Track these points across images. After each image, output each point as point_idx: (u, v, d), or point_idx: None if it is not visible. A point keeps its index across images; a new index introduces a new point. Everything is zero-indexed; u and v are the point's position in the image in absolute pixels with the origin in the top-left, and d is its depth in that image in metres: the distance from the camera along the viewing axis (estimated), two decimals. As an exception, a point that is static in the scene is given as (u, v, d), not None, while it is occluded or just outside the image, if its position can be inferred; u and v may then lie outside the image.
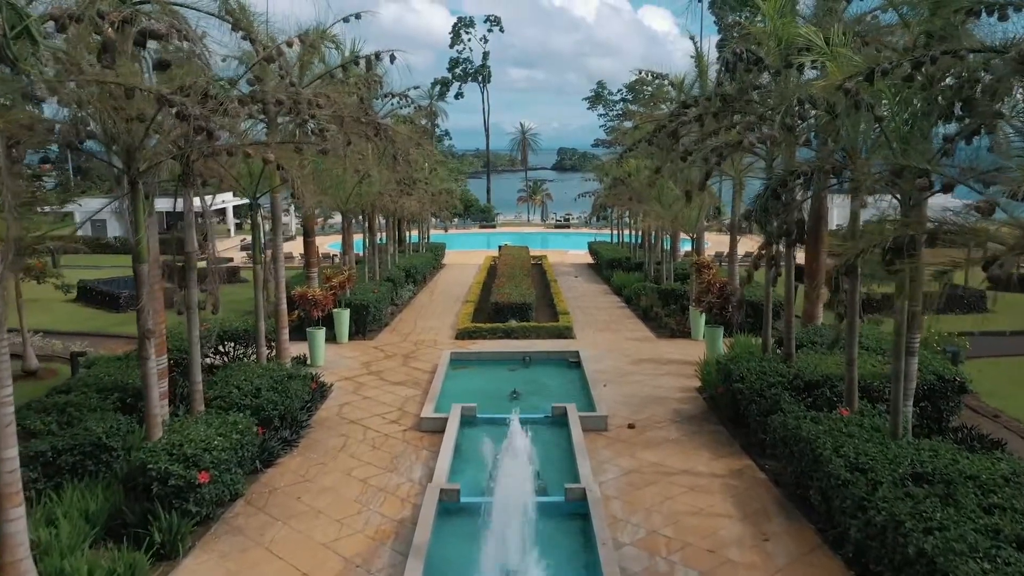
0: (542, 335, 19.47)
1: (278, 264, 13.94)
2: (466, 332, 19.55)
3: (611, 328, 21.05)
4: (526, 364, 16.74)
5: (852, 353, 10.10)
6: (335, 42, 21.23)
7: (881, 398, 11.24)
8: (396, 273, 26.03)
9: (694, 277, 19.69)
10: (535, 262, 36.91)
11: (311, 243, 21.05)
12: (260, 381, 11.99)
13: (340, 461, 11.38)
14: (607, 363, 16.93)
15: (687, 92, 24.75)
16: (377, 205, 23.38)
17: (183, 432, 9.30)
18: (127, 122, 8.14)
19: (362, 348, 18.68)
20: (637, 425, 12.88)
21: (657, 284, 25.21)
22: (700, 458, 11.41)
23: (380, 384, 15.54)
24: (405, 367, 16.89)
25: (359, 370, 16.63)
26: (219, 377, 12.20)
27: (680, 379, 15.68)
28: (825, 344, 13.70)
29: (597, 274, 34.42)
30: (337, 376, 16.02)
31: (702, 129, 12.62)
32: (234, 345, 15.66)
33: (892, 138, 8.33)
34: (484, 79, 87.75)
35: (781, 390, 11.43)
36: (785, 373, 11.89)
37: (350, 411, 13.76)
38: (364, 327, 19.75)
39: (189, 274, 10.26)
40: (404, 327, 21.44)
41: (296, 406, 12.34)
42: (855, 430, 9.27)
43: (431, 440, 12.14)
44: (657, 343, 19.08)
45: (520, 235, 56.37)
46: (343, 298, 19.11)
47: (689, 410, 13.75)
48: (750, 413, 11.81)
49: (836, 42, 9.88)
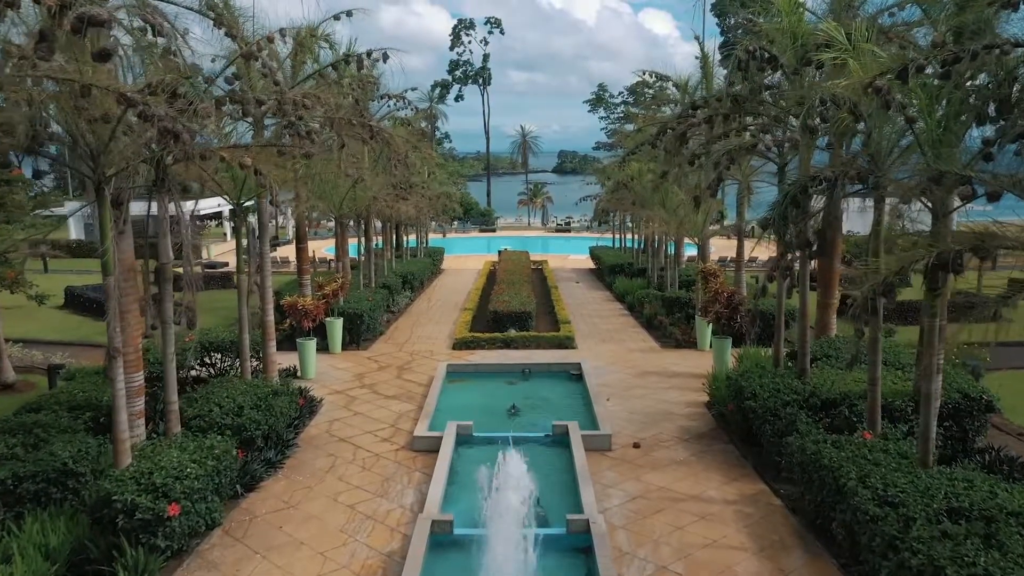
0: (543, 345, 18.76)
1: (265, 273, 13.25)
2: (464, 342, 18.85)
3: (614, 338, 20.34)
4: (526, 377, 16.04)
5: (875, 372, 9.40)
6: (329, 42, 20.59)
7: (903, 417, 10.56)
8: (392, 279, 25.34)
9: (700, 285, 18.99)
10: (535, 267, 36.22)
11: (303, 249, 20.35)
12: (243, 398, 11.30)
13: (327, 484, 10.68)
14: (610, 376, 16.23)
15: (691, 94, 24.12)
16: (372, 210, 22.69)
17: (154, 458, 8.60)
18: (90, 123, 7.46)
19: (355, 359, 17.98)
20: (643, 444, 12.19)
21: (661, 291, 24.49)
22: (710, 482, 10.71)
23: (373, 398, 14.84)
24: (399, 380, 16.19)
25: (351, 383, 15.93)
26: (200, 394, 11.51)
27: (687, 393, 14.97)
28: (843, 361, 13.01)
29: (599, 280, 33.71)
30: (328, 389, 15.32)
31: (711, 132, 11.96)
32: (220, 357, 14.98)
33: (923, 141, 7.63)
34: (484, 81, 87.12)
35: (796, 409, 10.73)
36: (800, 391, 11.19)
37: (340, 428, 13.06)
38: (358, 336, 19.05)
39: (163, 286, 9.57)
40: (400, 336, 20.75)
41: (282, 425, 11.66)
42: (881, 457, 8.56)
43: (424, 460, 11.45)
44: (662, 354, 18.38)
45: (520, 239, 55.67)
46: (336, 306, 18.42)
47: (697, 427, 13.05)
48: (763, 433, 11.11)
49: (858, 37, 9.21)
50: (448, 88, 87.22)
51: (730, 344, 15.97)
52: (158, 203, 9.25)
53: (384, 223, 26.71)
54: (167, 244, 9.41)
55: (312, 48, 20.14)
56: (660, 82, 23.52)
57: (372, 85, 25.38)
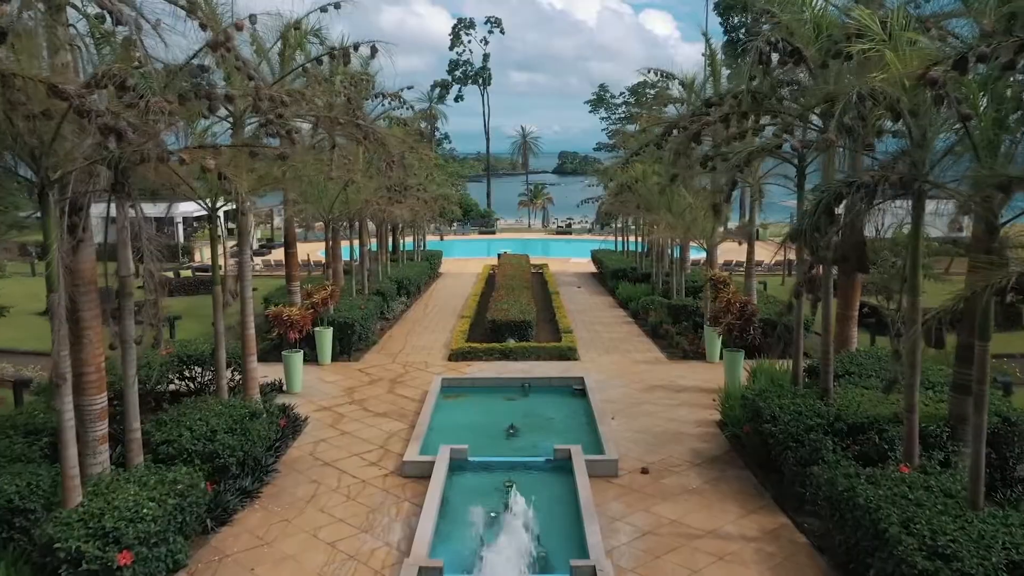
0: (543, 356, 17.82)
1: (245, 282, 12.31)
2: (460, 353, 17.90)
3: (618, 348, 19.40)
4: (525, 392, 15.10)
5: (913, 398, 8.47)
6: (319, 37, 19.69)
7: (938, 444, 9.63)
8: (387, 285, 24.39)
9: (708, 293, 18.05)
10: (536, 270, 35.29)
11: (292, 254, 19.46)
12: (217, 421, 10.36)
13: (307, 516, 9.75)
14: (615, 391, 15.29)
15: (698, 92, 23.24)
16: (365, 213, 21.76)
17: (107, 496, 7.67)
18: (28, 119, 6.53)
19: (346, 371, 17.05)
20: (652, 469, 11.25)
21: (666, 298, 23.54)
22: (727, 514, 9.77)
23: (362, 416, 13.90)
24: (391, 395, 15.24)
25: (340, 398, 14.99)
26: (170, 416, 10.57)
27: (697, 411, 14.04)
28: (866, 377, 12.09)
29: (601, 285, 32.76)
30: (315, 406, 14.39)
31: (727, 131, 11.03)
32: (200, 370, 14.06)
33: (977, 142, 6.70)
34: (484, 81, 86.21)
35: (821, 435, 9.80)
36: (824, 414, 10.25)
37: (325, 450, 12.13)
38: (349, 347, 18.11)
39: (124, 301, 8.64)
40: (393, 345, 19.80)
41: (260, 449, 10.72)
42: (923, 496, 7.62)
43: (415, 488, 10.52)
44: (669, 366, 17.44)
45: (520, 241, 54.71)
46: (326, 315, 17.49)
47: (710, 450, 12.11)
48: (784, 460, 10.16)
49: (895, 26, 8.28)
50: (448, 88, 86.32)
51: (742, 357, 15.03)
52: (117, 209, 8.34)
53: (378, 226, 25.77)
54: (127, 255, 8.48)
55: (302, 43, 19.24)
56: (665, 80, 22.56)
57: (366, 83, 24.49)
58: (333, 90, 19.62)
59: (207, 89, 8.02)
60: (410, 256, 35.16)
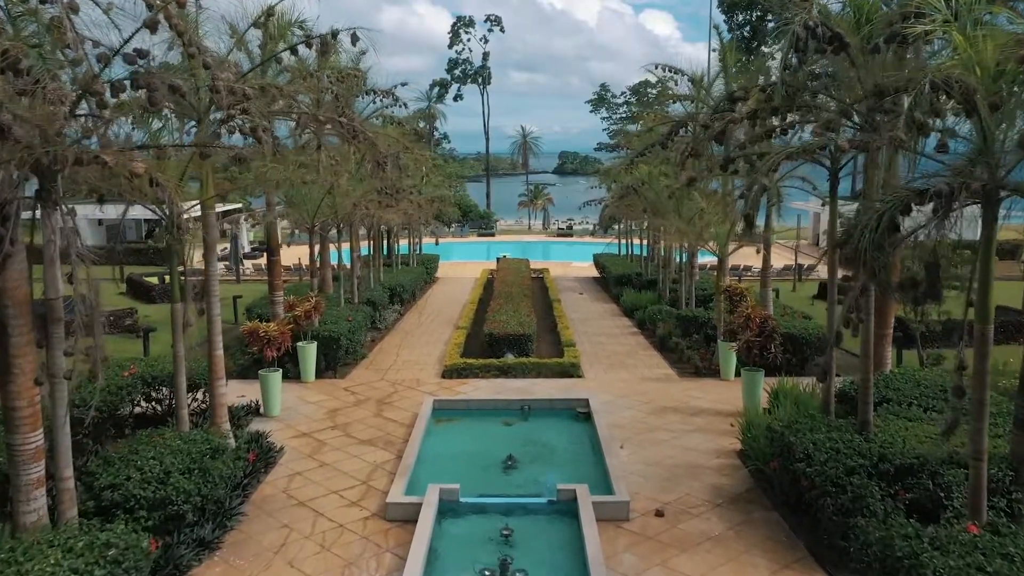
0: (544, 373, 16.52)
1: (211, 298, 11.01)
2: (455, 369, 16.60)
3: (625, 363, 18.08)
4: (525, 416, 13.80)
5: (981, 443, 7.19)
6: (304, 29, 18.40)
7: (1000, 490, 8.33)
8: (379, 293, 23.04)
9: (721, 304, 16.76)
10: (536, 275, 34.01)
11: (275, 262, 18.16)
12: (173, 460, 9.06)
13: (273, 572, 8.46)
14: (624, 414, 13.98)
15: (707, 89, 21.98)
16: (354, 218, 20.45)
17: (21, 568, 6.37)
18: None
19: (330, 390, 15.74)
20: (668, 511, 9.95)
21: (674, 307, 22.24)
22: (756, 570, 8.48)
23: (344, 443, 12.60)
24: (378, 418, 13.94)
25: (321, 422, 13.68)
26: (120, 453, 9.28)
27: (714, 437, 12.74)
28: (905, 402, 10.81)
29: (604, 291, 31.44)
30: (293, 431, 13.10)
31: (753, 129, 9.74)
32: (168, 392, 12.77)
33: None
34: (484, 81, 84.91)
35: (865, 479, 8.50)
36: (866, 452, 8.96)
37: (301, 486, 10.83)
38: (335, 363, 16.80)
39: (52, 329, 7.35)
40: (384, 360, 18.49)
41: (222, 490, 9.42)
42: (1004, 568, 6.34)
43: (399, 536, 9.23)
44: (681, 384, 16.12)
45: (520, 244, 53.39)
46: (310, 329, 16.19)
47: (731, 486, 10.81)
48: (822, 509, 8.85)
49: (961, 5, 7.00)
50: (447, 87, 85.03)
51: (762, 377, 13.73)
52: (43, 218, 7.05)
53: (369, 231, 24.39)
54: (55, 273, 7.18)
55: (285, 35, 17.96)
56: (674, 76, 21.25)
57: (356, 80, 23.19)
58: (320, 86, 18.36)
59: (147, 77, 6.72)
60: (405, 260, 33.83)
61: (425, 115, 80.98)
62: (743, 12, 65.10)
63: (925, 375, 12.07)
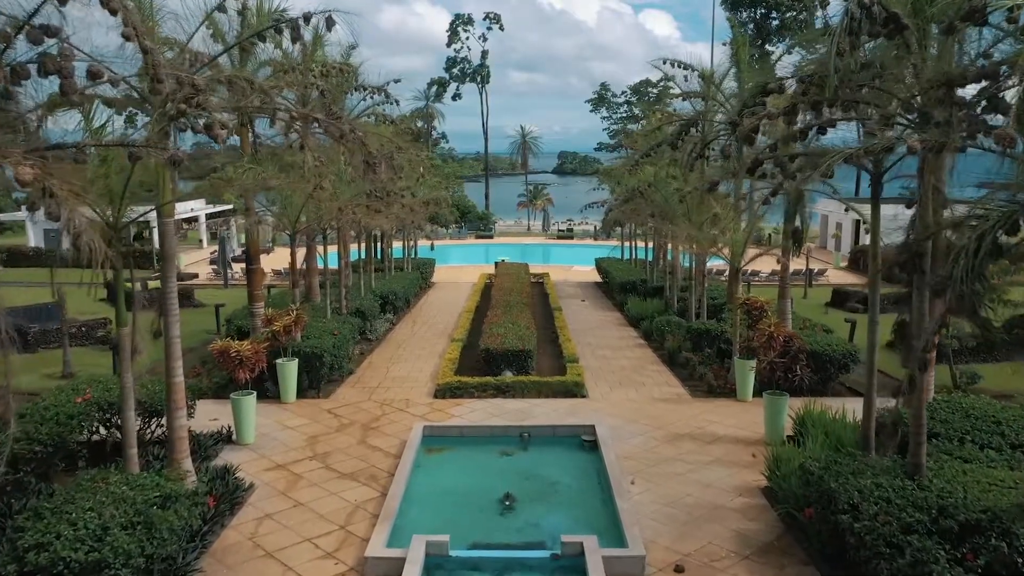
0: (545, 392, 15.21)
1: (169, 318, 9.70)
2: (448, 388, 15.28)
3: (632, 380, 16.77)
4: (524, 444, 12.50)
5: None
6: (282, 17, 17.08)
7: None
8: (369, 302, 21.67)
9: (736, 318, 15.46)
10: (536, 280, 32.71)
11: (255, 271, 16.85)
12: (113, 511, 7.76)
13: (228, 649, 7.16)
14: (633, 441, 12.68)
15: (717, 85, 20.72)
16: (340, 223, 19.14)
17: None
18: None
19: (312, 412, 14.42)
20: (689, 565, 8.67)
21: (682, 317, 20.93)
22: (798, 646, 7.18)
23: (323, 477, 11.29)
24: (363, 446, 12.62)
25: (300, 451, 12.37)
26: (55, 504, 7.99)
27: (736, 470, 11.45)
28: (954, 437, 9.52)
29: (607, 298, 30.11)
30: (267, 462, 11.79)
31: (789, 128, 8.45)
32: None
33: None
34: (483, 79, 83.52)
35: (925, 539, 7.21)
36: (922, 503, 7.68)
37: (270, 532, 9.52)
38: (318, 381, 15.49)
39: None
40: (372, 376, 17.16)
41: (172, 546, 8.10)
42: None
43: (379, 599, 7.93)
44: (694, 406, 14.80)
45: (519, 247, 52.04)
46: (290, 344, 14.89)
47: (759, 533, 9.51)
48: (874, 570, 7.55)
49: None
50: (445, 86, 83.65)
51: (787, 403, 12.44)
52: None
53: (358, 236, 22.97)
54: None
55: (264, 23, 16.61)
56: (685, 71, 19.95)
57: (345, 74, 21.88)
58: (304, 81, 17.06)
59: (58, 62, 5.41)
60: (399, 265, 32.48)
61: (423, 114, 79.82)
62: (747, 9, 63.83)
63: (974, 404, 10.78)
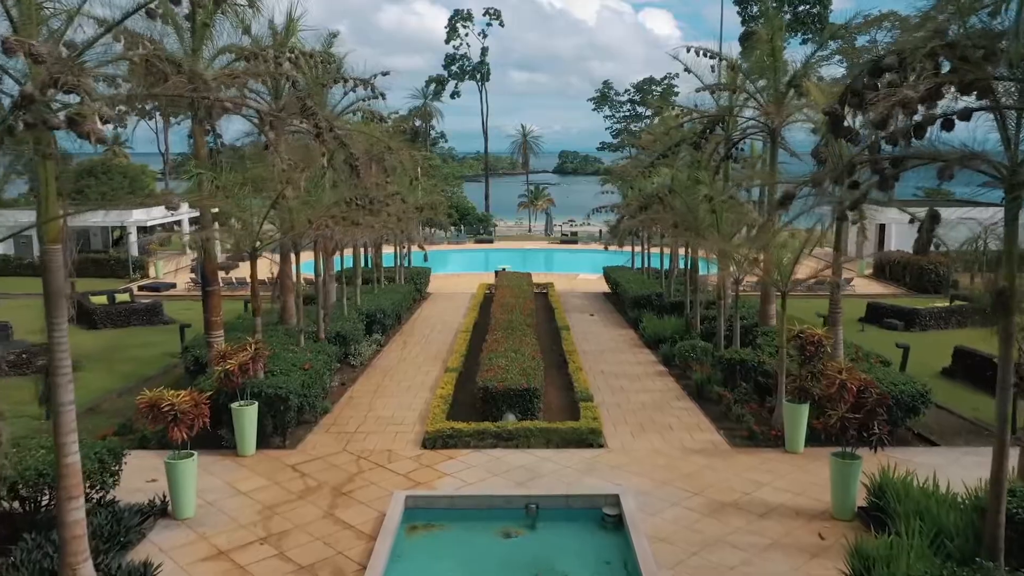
0: (555, 442, 12.70)
1: (58, 379, 7.22)
2: (439, 437, 12.75)
3: (657, 422, 14.21)
4: (530, 520, 10.01)
5: None
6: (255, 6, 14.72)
7: None
8: (351, 324, 19.06)
9: (783, 353, 12.99)
10: (539, 290, 30.18)
11: (212, 293, 14.36)
12: None
13: None
14: (667, 515, 10.16)
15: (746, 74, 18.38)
16: (313, 238, 16.63)
17: None
18: None
19: (273, 468, 11.92)
20: None
21: (708, 341, 18.40)
22: None
23: (273, 571, 8.78)
24: (329, 520, 10.11)
25: (250, 529, 9.86)
26: None
27: (802, 561, 8.94)
28: None
29: (618, 312, 27.54)
30: (205, 547, 9.30)
31: (906, 114, 6.00)
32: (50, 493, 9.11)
33: None
34: (483, 77, 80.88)
35: None
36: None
37: (189, 671, 7.02)
38: (284, 427, 12.97)
39: None
40: (351, 415, 14.63)
41: None
42: None
43: None
44: (736, 460, 12.26)
45: (521, 252, 49.41)
46: (249, 384, 12.40)
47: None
48: None
49: None
50: (443, 84, 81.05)
51: (860, 467, 9.94)
52: None
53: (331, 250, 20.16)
54: None
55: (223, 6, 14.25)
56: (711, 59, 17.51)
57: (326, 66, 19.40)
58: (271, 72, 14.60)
59: None
60: (391, 275, 29.90)
61: (421, 113, 77.19)
62: (757, 2, 61.27)
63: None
